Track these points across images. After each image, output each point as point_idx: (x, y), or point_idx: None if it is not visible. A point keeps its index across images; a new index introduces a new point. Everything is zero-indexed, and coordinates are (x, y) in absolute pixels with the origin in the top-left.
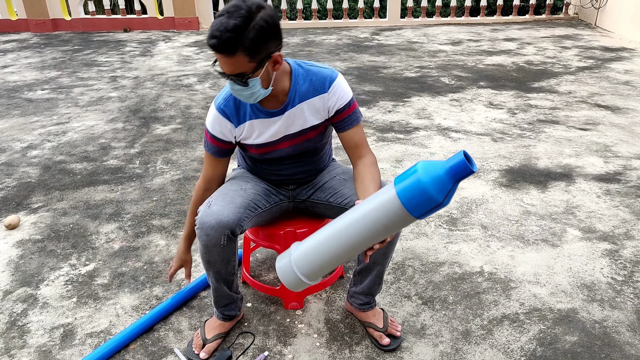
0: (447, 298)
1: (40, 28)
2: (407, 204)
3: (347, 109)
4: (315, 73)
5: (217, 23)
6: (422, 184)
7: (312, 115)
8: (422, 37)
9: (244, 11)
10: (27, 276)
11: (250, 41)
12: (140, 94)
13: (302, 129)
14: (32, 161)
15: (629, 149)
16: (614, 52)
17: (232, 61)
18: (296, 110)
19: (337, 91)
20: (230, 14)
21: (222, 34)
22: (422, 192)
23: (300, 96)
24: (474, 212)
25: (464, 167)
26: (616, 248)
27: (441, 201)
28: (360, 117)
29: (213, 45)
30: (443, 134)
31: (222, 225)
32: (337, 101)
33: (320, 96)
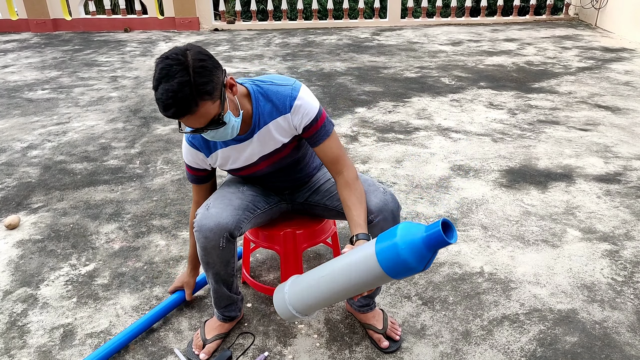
0: (447, 298)
1: (41, 28)
2: (386, 268)
3: (315, 124)
4: (275, 92)
5: (162, 94)
6: (400, 253)
7: (281, 135)
8: (423, 38)
9: (175, 64)
10: (27, 276)
11: (203, 84)
12: (140, 94)
13: (275, 148)
14: (32, 161)
15: (629, 150)
16: (614, 53)
17: (199, 114)
18: (264, 132)
19: (299, 110)
20: (167, 77)
21: (174, 100)
22: (400, 260)
23: (264, 117)
24: (474, 213)
25: (440, 240)
26: (616, 249)
27: (421, 269)
28: (331, 128)
29: (174, 113)
30: (443, 134)
31: (220, 227)
32: (303, 119)
33: (283, 116)
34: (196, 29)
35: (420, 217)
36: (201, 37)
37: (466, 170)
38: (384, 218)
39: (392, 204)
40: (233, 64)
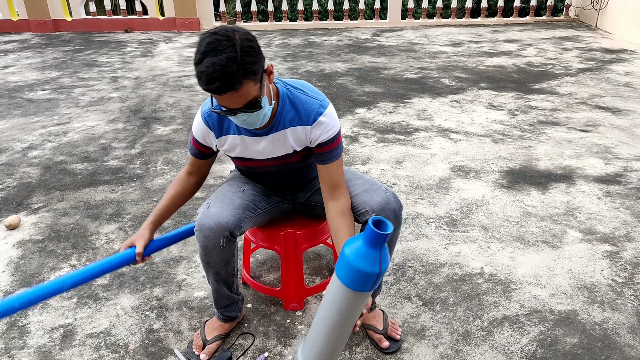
0: (447, 299)
1: (42, 28)
2: (355, 287)
3: (329, 145)
4: (303, 102)
5: (208, 66)
6: (351, 263)
7: (295, 142)
8: (423, 38)
9: (225, 41)
10: (28, 276)
11: (249, 64)
12: (141, 94)
13: (285, 153)
14: (32, 161)
15: (629, 151)
16: (614, 54)
17: (240, 93)
18: (280, 135)
19: (321, 126)
20: (214, 51)
21: (221, 74)
22: (354, 270)
23: (285, 122)
24: (474, 214)
25: (376, 235)
26: (617, 250)
27: (378, 271)
28: (341, 152)
29: (217, 88)
30: (443, 135)
31: (221, 226)
32: (321, 135)
33: (303, 127)
34: (197, 30)
35: (420, 217)
36: None
37: (466, 171)
38: (386, 217)
39: (394, 203)
40: None
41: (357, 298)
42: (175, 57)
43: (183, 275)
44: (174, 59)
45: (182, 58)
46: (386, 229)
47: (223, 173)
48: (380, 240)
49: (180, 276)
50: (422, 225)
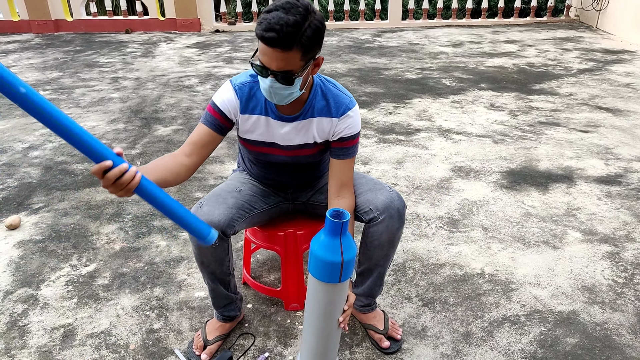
0: (447, 300)
1: (42, 29)
2: (323, 278)
3: (349, 141)
4: (334, 95)
5: (274, 17)
6: (316, 253)
7: (318, 134)
8: (424, 39)
9: (302, 9)
10: (28, 276)
11: (308, 39)
12: (141, 94)
13: (305, 142)
14: (33, 161)
15: (629, 151)
16: (615, 55)
17: (285, 57)
18: (305, 123)
19: (347, 121)
20: (286, 10)
21: (282, 27)
22: (319, 259)
23: (313, 111)
24: (474, 214)
25: (333, 223)
26: (617, 250)
27: (340, 260)
28: (356, 152)
29: (271, 38)
30: (444, 135)
31: (212, 225)
32: (344, 130)
33: (330, 119)
34: (197, 30)
35: (421, 218)
36: (202, 38)
37: (467, 171)
38: (390, 216)
39: (398, 202)
40: (234, 65)
41: (329, 290)
42: (176, 58)
43: (183, 276)
44: (175, 60)
45: (182, 58)
46: (343, 218)
47: (224, 174)
48: (337, 229)
49: (181, 276)
50: (422, 226)
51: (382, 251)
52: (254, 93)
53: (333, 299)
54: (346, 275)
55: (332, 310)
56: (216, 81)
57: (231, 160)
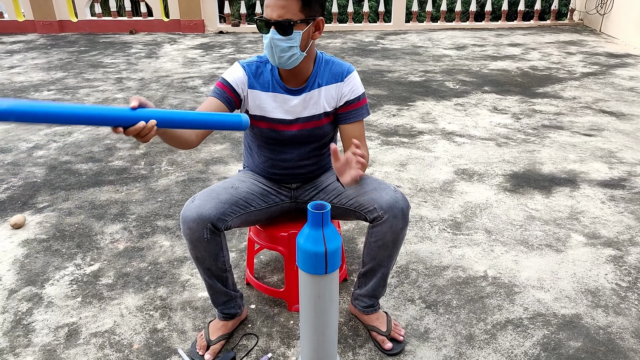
0: (450, 302)
1: (47, 29)
2: (309, 269)
3: (356, 103)
4: (336, 64)
5: None
6: (303, 248)
7: (327, 102)
8: (427, 42)
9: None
10: (33, 275)
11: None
12: (145, 95)
13: (316, 113)
14: (37, 161)
15: (633, 155)
16: (618, 59)
17: (284, 4)
18: (313, 94)
19: (350, 82)
20: None
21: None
22: (307, 254)
23: (320, 81)
24: (478, 217)
25: (313, 215)
26: (621, 254)
27: (324, 250)
28: (366, 114)
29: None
30: (447, 138)
31: (202, 218)
32: (350, 92)
33: (336, 84)
34: (201, 32)
35: (424, 220)
36: (206, 40)
37: (470, 174)
38: (394, 215)
39: (402, 202)
40: None
41: (317, 283)
42: (179, 59)
43: (187, 276)
44: (179, 61)
45: (186, 60)
46: (324, 209)
47: (227, 174)
48: (318, 220)
49: (184, 276)
50: (425, 228)
51: (385, 251)
52: (262, 71)
53: (322, 292)
54: (332, 267)
55: (323, 304)
56: None
57: (235, 162)
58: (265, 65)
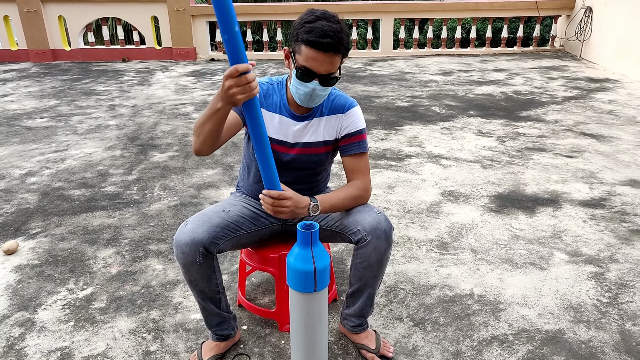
0: (438, 320)
1: (40, 58)
2: (298, 287)
3: (355, 136)
4: (339, 96)
5: (323, 25)
6: (290, 264)
7: (326, 132)
8: (414, 68)
9: (336, 18)
10: (25, 300)
11: (347, 44)
12: (138, 122)
13: (315, 140)
14: (30, 188)
15: (613, 176)
16: (598, 83)
17: (334, 60)
18: (314, 122)
19: (352, 116)
20: (327, 19)
21: (335, 34)
22: (296, 272)
23: (322, 111)
24: (464, 237)
25: (302, 234)
26: (601, 271)
27: (313, 268)
28: (365, 148)
29: (329, 44)
30: (434, 161)
31: (195, 242)
32: (350, 125)
33: (337, 115)
34: (193, 59)
35: (411, 241)
36: (198, 67)
37: (456, 195)
38: (377, 237)
39: (385, 224)
40: None
41: (307, 300)
42: (171, 86)
43: (179, 298)
44: (171, 88)
45: (178, 87)
46: (312, 228)
47: (219, 198)
48: (307, 239)
49: (177, 299)
50: (413, 249)
51: (371, 272)
52: (271, 93)
53: (312, 309)
54: (321, 285)
55: (313, 322)
56: None
57: (227, 186)
58: (275, 88)
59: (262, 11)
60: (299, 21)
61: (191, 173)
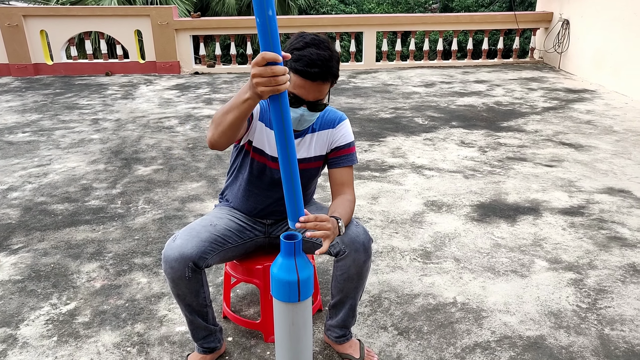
0: (422, 328)
1: (22, 72)
2: (282, 297)
3: (345, 149)
4: (330, 111)
5: (312, 54)
6: (276, 277)
7: (317, 147)
8: (397, 80)
9: (327, 44)
10: (7, 316)
11: (337, 70)
12: (121, 135)
13: (307, 156)
14: (12, 202)
15: (591, 184)
16: (576, 94)
17: (322, 88)
18: (307, 138)
19: (341, 129)
20: (317, 46)
21: (323, 62)
22: (280, 282)
23: (314, 127)
24: (447, 246)
25: (285, 244)
26: (580, 277)
27: (296, 278)
28: (354, 161)
29: (316, 73)
30: (417, 171)
31: (184, 257)
32: (340, 138)
33: (327, 130)
34: (177, 72)
35: (395, 251)
36: (182, 80)
37: (439, 205)
38: (356, 249)
39: (363, 236)
40: (213, 106)
41: (291, 310)
42: (155, 99)
43: (164, 311)
44: (155, 101)
45: (162, 100)
46: (295, 239)
47: (204, 211)
48: (291, 249)
49: (162, 312)
50: (397, 258)
51: (351, 283)
52: (267, 109)
53: (296, 319)
54: (305, 295)
55: (298, 331)
56: (196, 122)
57: (211, 198)
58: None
59: (245, 24)
60: (289, 47)
61: (175, 186)
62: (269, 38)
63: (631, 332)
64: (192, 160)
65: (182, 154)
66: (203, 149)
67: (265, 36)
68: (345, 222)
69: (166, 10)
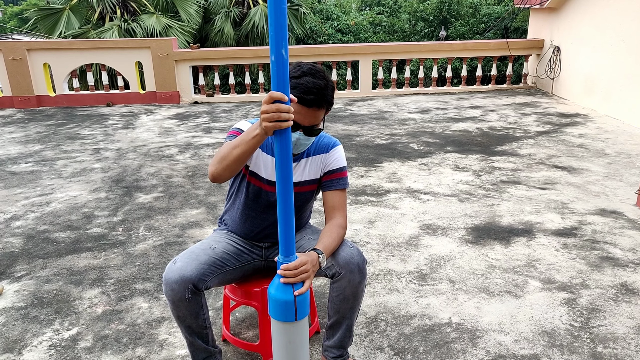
0: (417, 348)
1: (25, 104)
2: (279, 317)
3: (337, 173)
4: (323, 137)
5: (308, 82)
6: (273, 297)
7: (311, 171)
8: (393, 107)
9: (322, 73)
10: (10, 342)
11: (331, 98)
12: (122, 164)
13: (300, 180)
14: (15, 231)
15: (583, 206)
16: (569, 118)
17: (317, 114)
18: (301, 162)
19: (334, 154)
20: (313, 75)
21: (319, 90)
22: (277, 302)
23: (308, 152)
24: (442, 268)
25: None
26: (573, 297)
27: (293, 298)
28: (346, 185)
29: (312, 100)
30: (413, 196)
31: (184, 279)
32: (333, 163)
33: (321, 155)
34: (177, 102)
35: (391, 273)
36: (181, 110)
37: (434, 228)
38: (351, 271)
39: (357, 257)
40: (213, 134)
41: (288, 329)
42: (155, 129)
43: (165, 335)
44: (155, 130)
45: (162, 129)
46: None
47: (203, 237)
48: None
49: (163, 336)
50: (393, 281)
51: (347, 304)
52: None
53: (293, 337)
54: (302, 314)
55: (295, 350)
56: (195, 150)
57: (211, 225)
58: None
59: (243, 55)
60: None
61: (176, 213)
62: (279, 77)
63: (623, 349)
64: (191, 188)
65: (182, 181)
66: (202, 177)
67: (276, 75)
68: (330, 252)
69: (166, 42)
